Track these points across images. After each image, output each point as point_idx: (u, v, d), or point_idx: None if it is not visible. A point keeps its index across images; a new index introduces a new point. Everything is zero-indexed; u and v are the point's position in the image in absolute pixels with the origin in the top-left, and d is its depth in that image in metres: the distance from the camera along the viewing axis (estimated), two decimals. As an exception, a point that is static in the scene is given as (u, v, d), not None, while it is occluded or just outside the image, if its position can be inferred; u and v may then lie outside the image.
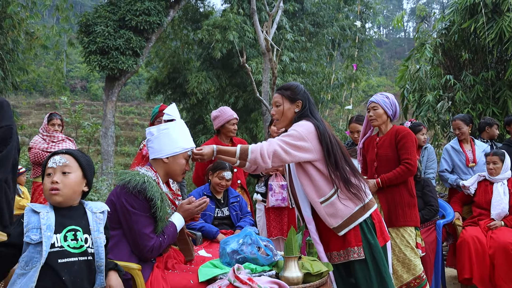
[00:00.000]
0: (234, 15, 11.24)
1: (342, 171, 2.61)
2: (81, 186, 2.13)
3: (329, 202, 2.63)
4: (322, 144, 2.62)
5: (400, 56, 39.45)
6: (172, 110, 2.78)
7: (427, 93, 7.08)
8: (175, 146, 2.62)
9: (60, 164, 2.07)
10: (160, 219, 2.44)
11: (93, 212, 2.14)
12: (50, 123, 5.37)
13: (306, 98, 2.82)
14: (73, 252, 2.00)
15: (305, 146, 2.60)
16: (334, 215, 2.63)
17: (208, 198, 3.77)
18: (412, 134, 3.56)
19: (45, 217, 1.99)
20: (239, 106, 11.83)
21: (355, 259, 2.63)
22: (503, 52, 6.62)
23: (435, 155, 5.14)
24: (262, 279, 2.31)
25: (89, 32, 9.90)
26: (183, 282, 2.42)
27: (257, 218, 4.75)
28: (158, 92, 13.52)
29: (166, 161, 2.61)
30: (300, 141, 2.60)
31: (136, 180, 2.40)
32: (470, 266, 4.05)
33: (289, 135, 2.64)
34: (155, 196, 2.39)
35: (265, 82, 7.77)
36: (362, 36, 13.50)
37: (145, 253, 2.38)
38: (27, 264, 1.92)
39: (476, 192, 4.49)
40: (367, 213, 2.67)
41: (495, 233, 4.09)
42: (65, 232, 2.01)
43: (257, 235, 2.70)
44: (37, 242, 1.93)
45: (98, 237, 2.09)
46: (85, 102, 23.47)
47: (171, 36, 13.27)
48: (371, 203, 2.73)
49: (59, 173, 2.06)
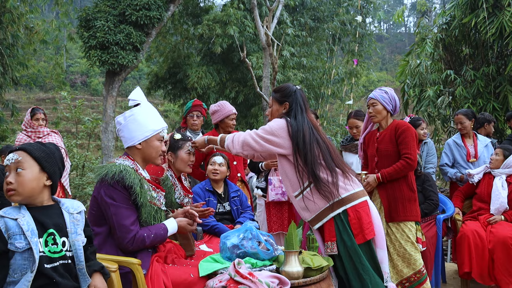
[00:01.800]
0: (235, 10, 11.22)
1: (311, 167, 2.66)
2: (40, 181, 2.01)
3: (300, 196, 2.74)
4: (292, 140, 2.72)
5: (400, 51, 39.35)
6: (137, 94, 2.69)
7: (427, 88, 7.08)
8: (145, 130, 2.56)
9: (13, 161, 1.98)
10: (142, 205, 2.42)
11: (69, 213, 2.07)
12: (34, 118, 5.26)
13: (294, 101, 2.89)
14: (53, 257, 1.94)
15: (274, 141, 2.75)
16: (306, 209, 2.75)
17: (210, 193, 3.83)
18: (412, 128, 3.55)
19: (24, 222, 1.90)
20: (239, 101, 11.82)
21: (328, 253, 2.68)
22: (503, 47, 6.61)
23: (435, 149, 5.15)
24: (262, 273, 2.31)
25: (89, 27, 9.87)
26: (183, 276, 2.42)
27: (258, 213, 4.76)
28: (159, 87, 13.51)
29: (139, 147, 2.57)
30: (270, 135, 2.76)
31: (113, 171, 2.37)
32: (469, 260, 4.05)
33: (262, 128, 2.82)
34: (134, 182, 2.37)
35: (265, 77, 7.76)
36: (362, 31, 13.47)
37: (124, 244, 2.37)
38: (15, 272, 1.86)
39: (480, 184, 4.48)
40: (340, 209, 2.66)
41: (494, 228, 4.09)
42: (46, 236, 1.95)
43: (257, 229, 2.70)
44: (23, 250, 1.86)
45: (76, 239, 2.02)
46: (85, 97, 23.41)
47: (171, 31, 13.24)
48: (348, 199, 2.70)
49: (14, 171, 1.97)
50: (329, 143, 2.82)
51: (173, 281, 2.38)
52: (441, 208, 4.55)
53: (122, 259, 2.34)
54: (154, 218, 2.53)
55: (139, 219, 2.45)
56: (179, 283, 2.38)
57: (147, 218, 2.47)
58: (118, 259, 2.33)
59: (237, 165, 4.60)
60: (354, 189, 2.74)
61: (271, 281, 2.23)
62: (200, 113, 4.86)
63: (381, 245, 2.78)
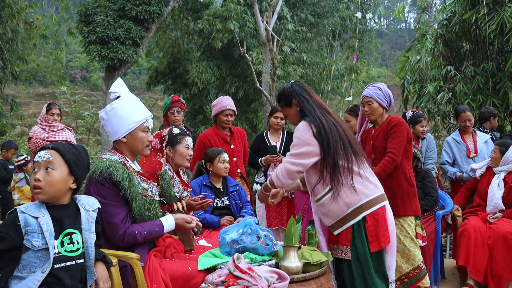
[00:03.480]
0: (235, 5, 11.18)
1: (338, 171, 2.59)
2: (67, 183, 2.03)
3: (321, 202, 2.69)
4: (319, 141, 2.62)
5: (400, 47, 39.28)
6: (118, 86, 2.62)
7: (427, 84, 7.07)
8: (127, 122, 2.50)
9: (44, 159, 1.99)
10: (133, 200, 2.42)
11: (86, 210, 2.08)
12: (49, 112, 5.35)
13: (297, 94, 2.81)
14: (70, 256, 1.96)
15: (308, 150, 2.62)
16: (327, 215, 2.70)
17: (207, 188, 3.83)
18: (404, 124, 3.49)
19: (44, 222, 1.92)
20: (239, 96, 11.80)
21: (342, 257, 2.68)
22: (504, 43, 6.60)
23: (435, 144, 5.14)
24: (261, 268, 2.32)
25: (89, 22, 9.84)
26: (181, 270, 2.43)
27: (257, 208, 4.77)
28: (158, 82, 13.48)
29: (124, 140, 2.53)
30: (302, 147, 2.64)
31: (100, 167, 2.36)
32: (467, 255, 4.04)
33: (292, 146, 2.70)
34: (122, 178, 2.36)
35: (265, 72, 7.75)
36: (362, 27, 13.42)
37: (115, 241, 2.38)
38: (24, 268, 1.87)
39: (481, 180, 4.45)
40: (359, 216, 2.61)
41: (495, 223, 4.07)
42: (62, 237, 1.96)
43: (257, 225, 2.71)
44: (38, 249, 1.88)
45: (89, 236, 2.04)
46: (85, 92, 23.35)
47: (171, 26, 13.20)
48: (368, 205, 2.63)
49: (43, 169, 1.98)
50: (349, 134, 2.77)
51: (171, 275, 2.39)
52: (440, 204, 4.55)
53: (121, 253, 2.35)
54: (148, 210, 2.53)
55: (132, 214, 2.45)
56: (177, 276, 2.39)
57: (140, 210, 2.46)
58: (117, 253, 2.34)
59: (237, 161, 4.60)
60: (374, 193, 2.66)
61: (270, 276, 2.23)
62: (180, 108, 4.79)
63: (391, 253, 2.73)
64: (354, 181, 2.62)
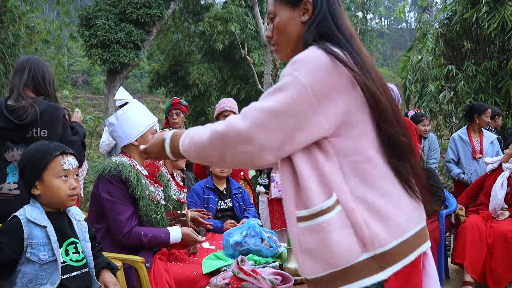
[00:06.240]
0: (236, 7, 11.20)
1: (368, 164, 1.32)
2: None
3: (313, 222, 1.30)
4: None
5: (402, 46, 39.25)
6: (122, 94, 2.81)
7: (429, 84, 7.06)
8: (139, 126, 2.63)
9: (75, 167, 1.99)
10: (140, 198, 2.46)
11: (77, 220, 2.05)
12: None
13: None
14: (76, 266, 1.92)
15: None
16: (313, 253, 1.29)
17: (211, 190, 3.83)
18: (412, 124, 3.50)
19: (51, 231, 1.86)
20: (241, 98, 11.82)
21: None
22: (505, 42, 6.59)
23: (437, 144, 5.13)
24: (265, 270, 2.32)
25: (90, 26, 9.88)
26: (186, 274, 2.44)
27: (260, 210, 4.76)
28: (160, 85, 13.53)
29: (135, 143, 2.62)
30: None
31: (109, 166, 2.44)
32: (463, 252, 4.02)
33: (267, 93, 1.34)
34: (130, 176, 2.42)
35: (267, 74, 7.75)
36: (363, 27, 13.43)
37: (119, 239, 2.41)
38: (30, 281, 1.80)
39: (489, 177, 4.39)
40: (381, 274, 1.22)
41: (495, 222, 4.07)
42: (66, 245, 1.92)
43: (260, 227, 2.71)
44: (46, 262, 1.82)
45: (86, 246, 2.01)
46: (87, 96, 23.38)
47: (172, 28, 13.24)
48: (392, 255, 1.25)
49: (73, 176, 1.97)
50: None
51: (175, 278, 2.39)
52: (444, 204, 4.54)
53: (126, 257, 2.36)
54: (154, 212, 2.56)
55: (139, 213, 2.47)
56: (182, 280, 2.40)
57: (146, 211, 2.49)
58: (121, 257, 2.35)
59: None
60: (404, 234, 1.29)
61: (274, 278, 2.24)
62: (179, 111, 4.77)
63: None
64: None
